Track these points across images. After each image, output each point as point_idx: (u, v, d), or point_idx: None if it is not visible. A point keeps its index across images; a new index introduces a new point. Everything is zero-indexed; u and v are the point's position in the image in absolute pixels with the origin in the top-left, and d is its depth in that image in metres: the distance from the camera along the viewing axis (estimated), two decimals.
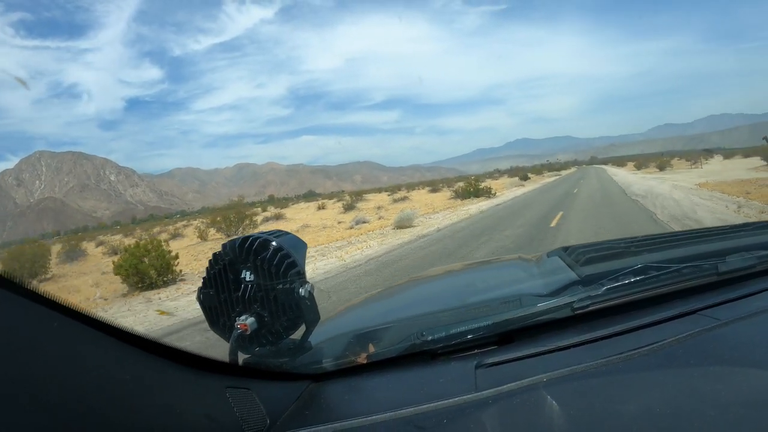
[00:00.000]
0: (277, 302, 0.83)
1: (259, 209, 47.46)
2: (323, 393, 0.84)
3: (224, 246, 0.88)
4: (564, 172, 73.00)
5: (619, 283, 0.96)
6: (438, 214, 17.55)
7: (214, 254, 0.88)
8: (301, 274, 0.86)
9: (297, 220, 26.61)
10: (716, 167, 32.23)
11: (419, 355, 0.88)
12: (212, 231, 21.81)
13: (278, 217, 29.92)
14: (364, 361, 0.89)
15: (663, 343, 0.76)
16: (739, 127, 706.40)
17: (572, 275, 1.12)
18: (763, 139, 31.98)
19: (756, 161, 31.64)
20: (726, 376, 0.65)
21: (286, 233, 0.92)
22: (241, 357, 0.85)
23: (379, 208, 26.12)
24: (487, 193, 25.92)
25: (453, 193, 29.55)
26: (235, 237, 0.88)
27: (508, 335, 0.90)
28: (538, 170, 79.22)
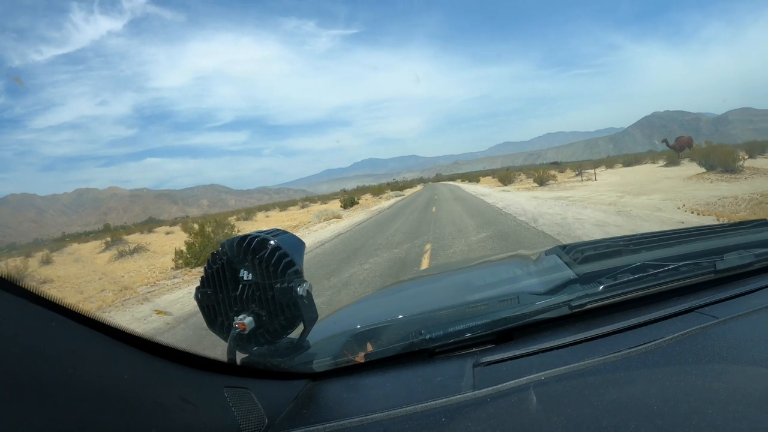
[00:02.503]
0: (275, 301, 0.92)
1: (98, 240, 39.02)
2: (321, 392, 0.93)
3: (222, 245, 0.96)
4: (408, 192, 62.22)
5: (617, 282, 1.08)
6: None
7: (212, 253, 0.97)
8: (299, 274, 0.94)
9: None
10: (618, 178, 26.83)
11: (417, 353, 0.99)
12: None
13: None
14: (362, 360, 0.99)
15: (661, 341, 0.84)
16: (574, 144, 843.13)
17: (570, 273, 1.23)
18: (662, 141, 36.09)
19: (679, 169, 28.22)
20: (724, 374, 0.71)
21: (285, 232, 1.00)
22: (239, 356, 0.93)
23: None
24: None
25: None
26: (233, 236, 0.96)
27: (506, 334, 1.00)
28: (377, 190, 67.09)
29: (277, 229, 1.01)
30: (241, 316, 0.92)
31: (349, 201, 36.92)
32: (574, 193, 19.48)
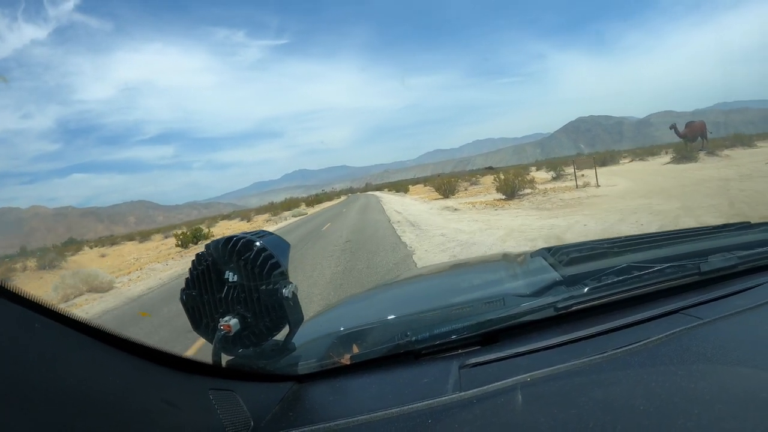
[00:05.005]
0: (260, 303, 0.96)
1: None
2: (307, 394, 0.98)
3: (207, 246, 1.01)
4: (320, 207, 55.86)
5: (602, 283, 1.15)
6: None
7: (197, 255, 1.01)
8: (285, 275, 0.99)
9: None
10: (629, 183, 19.73)
11: (403, 355, 1.04)
12: None
13: None
14: (348, 362, 1.04)
15: (646, 342, 0.89)
16: (502, 149, 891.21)
17: (555, 275, 1.31)
18: (670, 128, 32.05)
19: (700, 166, 23.33)
20: (709, 374, 0.75)
21: (270, 234, 1.06)
22: (225, 358, 0.97)
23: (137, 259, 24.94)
24: None
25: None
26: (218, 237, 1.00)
27: (491, 335, 1.06)
28: (273, 211, 59.65)
29: (263, 231, 1.07)
30: (226, 318, 0.96)
31: (191, 236, 27.91)
32: (588, 218, 11.44)
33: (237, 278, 0.98)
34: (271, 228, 29.67)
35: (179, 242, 28.04)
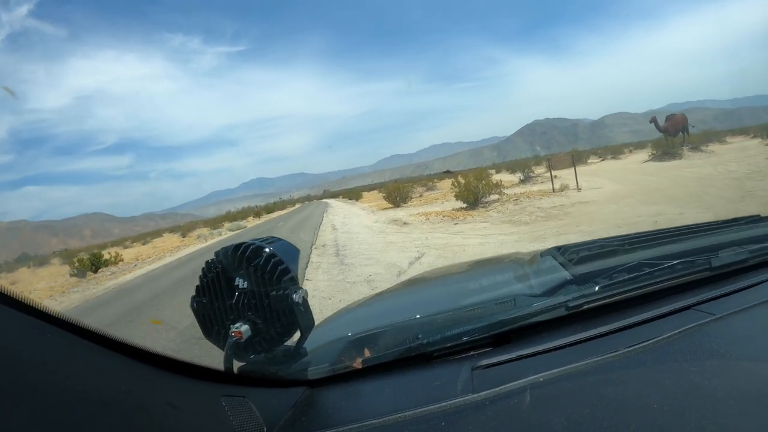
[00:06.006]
0: (270, 309, 0.99)
1: None
2: (320, 399, 1.00)
3: (217, 254, 1.04)
4: (252, 224, 50.22)
5: (613, 281, 1.17)
6: None
7: (207, 262, 1.04)
8: (295, 281, 1.03)
9: None
10: (616, 186, 16.38)
11: (415, 358, 1.06)
12: None
13: None
14: (360, 366, 1.05)
15: (658, 340, 0.91)
16: (459, 153, 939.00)
17: (566, 274, 1.33)
18: (650, 122, 30.86)
19: (687, 163, 22.00)
20: (722, 371, 0.77)
21: (279, 239, 1.09)
22: (236, 365, 1.00)
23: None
24: None
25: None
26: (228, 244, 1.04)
27: (503, 336, 1.07)
28: (213, 225, 57.07)
29: (273, 237, 1.09)
30: (237, 325, 0.98)
31: (89, 263, 23.92)
32: (590, 236, 7.59)
33: (247, 285, 1.01)
34: (186, 250, 28.04)
35: (74, 271, 23.87)
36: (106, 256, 25.24)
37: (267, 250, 1.01)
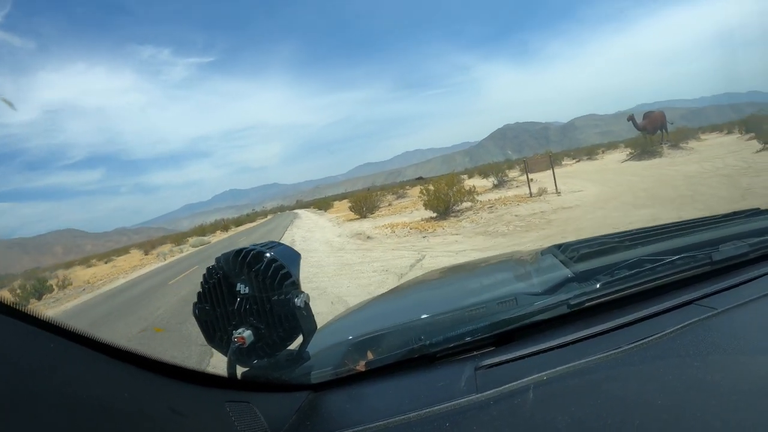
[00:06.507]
0: (273, 314, 1.01)
1: None
2: (324, 403, 1.02)
3: (218, 260, 1.06)
4: (218, 238, 49.22)
5: (614, 278, 1.18)
6: None
7: (208, 268, 1.07)
8: (296, 285, 1.04)
9: None
10: (599, 188, 15.48)
11: (418, 359, 1.07)
12: None
13: None
14: (363, 369, 1.07)
15: (661, 335, 0.92)
16: (431, 159, 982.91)
17: (567, 272, 1.35)
18: (628, 120, 30.16)
19: (669, 162, 21.43)
20: (725, 365, 0.78)
21: (280, 244, 1.11)
22: (240, 370, 1.02)
23: None
24: None
25: None
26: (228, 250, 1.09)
27: (506, 335, 1.09)
28: (176, 241, 55.46)
29: (273, 242, 1.12)
30: (239, 330, 0.99)
31: (30, 293, 22.83)
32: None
33: (249, 290, 1.02)
34: (143, 270, 26.79)
35: (16, 299, 21.17)
36: (54, 280, 23.32)
37: (268, 255, 1.03)
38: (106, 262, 48.41)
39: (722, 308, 1.00)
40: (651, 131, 28.43)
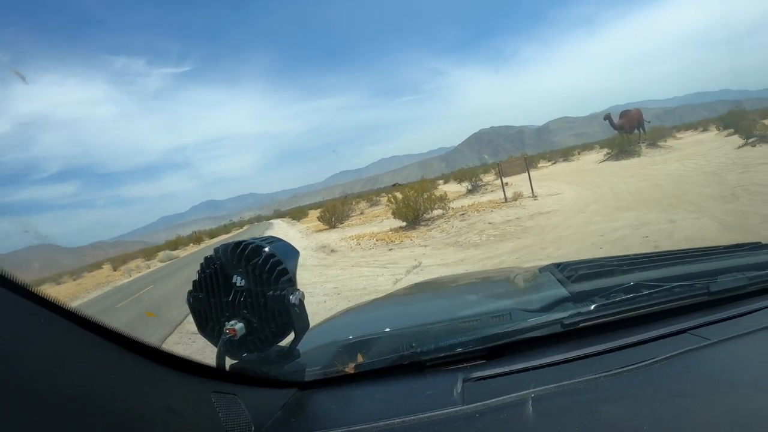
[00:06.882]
0: (266, 308, 1.02)
1: None
2: (310, 401, 1.03)
3: (216, 250, 1.08)
4: (188, 252, 50.14)
5: (610, 301, 1.19)
6: None
7: (206, 258, 1.08)
8: (292, 282, 1.05)
9: None
10: (579, 191, 14.55)
11: (408, 366, 1.08)
12: None
13: None
14: (352, 371, 1.08)
15: (652, 362, 0.93)
16: (408, 166, 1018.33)
17: (563, 291, 1.36)
18: (604, 119, 29.54)
19: (649, 161, 20.88)
20: (714, 396, 0.80)
21: (279, 240, 1.11)
22: (229, 362, 1.03)
23: None
24: None
25: None
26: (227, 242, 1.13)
27: (497, 349, 1.10)
28: (146, 255, 56.13)
29: (272, 237, 1.13)
30: (232, 322, 1.01)
31: None
32: None
33: (244, 283, 1.03)
34: (106, 288, 25.71)
35: None
36: None
37: (266, 249, 1.04)
38: (74, 279, 46.55)
39: (716, 339, 1.00)
40: (628, 130, 28.52)
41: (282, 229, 39.42)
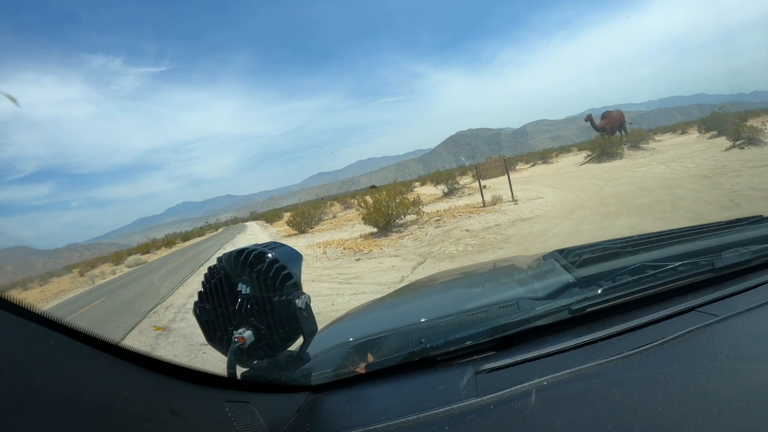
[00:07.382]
0: (273, 314, 1.02)
1: None
2: (323, 404, 1.03)
3: (219, 259, 1.08)
4: (158, 257, 49.67)
5: (616, 284, 1.20)
6: None
7: (210, 268, 1.09)
8: (298, 286, 1.07)
9: None
10: (559, 194, 13.94)
11: (418, 362, 1.09)
12: None
13: None
14: (363, 371, 1.09)
15: (662, 342, 0.94)
16: (385, 168, 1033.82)
17: (568, 277, 1.36)
18: (585, 120, 28.95)
19: (632, 163, 20.75)
20: (726, 372, 0.80)
21: (282, 245, 1.13)
22: (240, 370, 1.03)
23: None
24: None
25: None
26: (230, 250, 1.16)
27: (506, 340, 1.11)
28: (114, 260, 54.90)
29: (275, 242, 1.15)
30: (240, 330, 1.01)
31: None
32: None
33: (250, 290, 1.04)
34: (66, 296, 24.96)
35: None
36: None
37: (269, 255, 1.04)
38: (41, 285, 44.46)
39: (724, 315, 1.01)
40: (610, 131, 28.45)
41: (254, 234, 40.42)
